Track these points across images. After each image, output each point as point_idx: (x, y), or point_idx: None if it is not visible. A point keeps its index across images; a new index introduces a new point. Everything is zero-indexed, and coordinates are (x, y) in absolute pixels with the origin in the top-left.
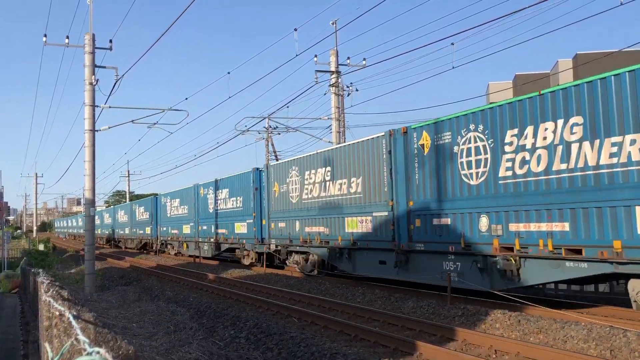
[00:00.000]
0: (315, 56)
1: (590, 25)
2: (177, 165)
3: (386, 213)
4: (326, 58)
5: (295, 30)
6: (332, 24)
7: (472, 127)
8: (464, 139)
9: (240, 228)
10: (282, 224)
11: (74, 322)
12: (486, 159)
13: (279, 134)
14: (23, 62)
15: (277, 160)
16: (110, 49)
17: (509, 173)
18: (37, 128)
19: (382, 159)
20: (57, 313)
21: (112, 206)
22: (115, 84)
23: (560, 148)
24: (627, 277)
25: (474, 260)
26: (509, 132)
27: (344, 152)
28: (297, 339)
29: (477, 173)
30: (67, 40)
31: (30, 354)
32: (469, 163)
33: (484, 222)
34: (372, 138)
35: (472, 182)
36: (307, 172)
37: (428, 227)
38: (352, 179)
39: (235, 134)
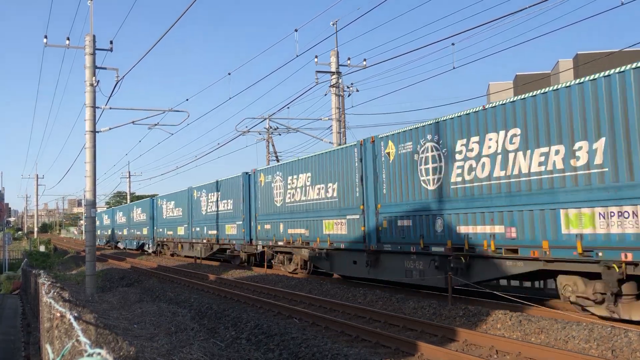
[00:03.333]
0: (316, 57)
1: (590, 25)
2: (178, 166)
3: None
4: (327, 59)
5: (296, 30)
6: (333, 24)
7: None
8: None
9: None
10: None
11: (75, 324)
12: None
13: (280, 134)
14: (24, 63)
15: (278, 161)
16: (111, 50)
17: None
18: (37, 129)
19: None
20: (58, 314)
21: (151, 197)
22: (115, 85)
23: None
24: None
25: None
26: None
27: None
28: (298, 340)
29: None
30: (67, 42)
31: (31, 355)
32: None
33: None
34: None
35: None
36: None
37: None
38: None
39: (236, 135)
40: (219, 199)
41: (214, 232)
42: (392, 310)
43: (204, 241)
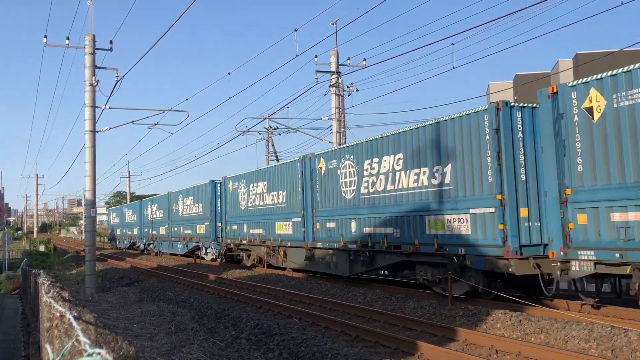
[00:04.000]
0: (316, 56)
1: (590, 25)
2: (177, 165)
3: None
4: (326, 58)
5: (296, 30)
6: (333, 24)
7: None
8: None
9: None
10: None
11: (74, 323)
12: None
13: (280, 134)
14: (23, 63)
15: (277, 160)
16: (111, 49)
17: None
18: (37, 129)
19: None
20: (58, 314)
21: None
22: (115, 84)
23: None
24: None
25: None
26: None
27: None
28: (298, 340)
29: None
30: (67, 41)
31: (31, 355)
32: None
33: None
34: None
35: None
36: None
37: None
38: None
39: (236, 135)
40: (407, 168)
41: (385, 229)
42: (391, 309)
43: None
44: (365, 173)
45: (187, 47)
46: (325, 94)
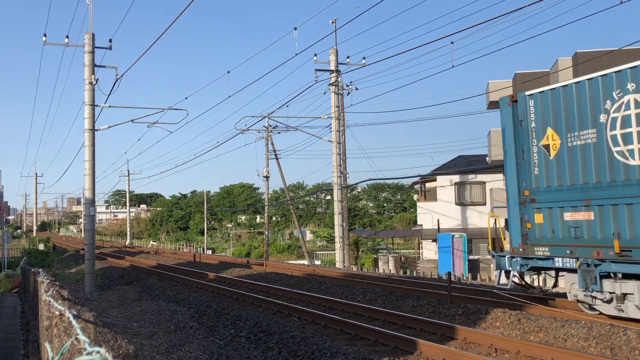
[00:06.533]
0: (315, 55)
1: (590, 24)
2: (177, 164)
3: None
4: (326, 57)
5: (295, 29)
6: (332, 23)
7: None
8: None
9: None
10: None
11: (74, 322)
12: None
13: (279, 133)
14: (23, 62)
15: (277, 160)
16: (110, 48)
17: None
18: (37, 127)
19: None
20: (57, 312)
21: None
22: (115, 83)
23: None
24: None
25: None
26: None
27: None
28: (297, 338)
29: None
30: (66, 40)
31: (30, 354)
32: None
33: None
34: None
35: None
36: None
37: None
38: None
39: (235, 133)
40: None
41: None
42: (391, 308)
43: None
44: None
45: (187, 45)
46: (325, 93)
